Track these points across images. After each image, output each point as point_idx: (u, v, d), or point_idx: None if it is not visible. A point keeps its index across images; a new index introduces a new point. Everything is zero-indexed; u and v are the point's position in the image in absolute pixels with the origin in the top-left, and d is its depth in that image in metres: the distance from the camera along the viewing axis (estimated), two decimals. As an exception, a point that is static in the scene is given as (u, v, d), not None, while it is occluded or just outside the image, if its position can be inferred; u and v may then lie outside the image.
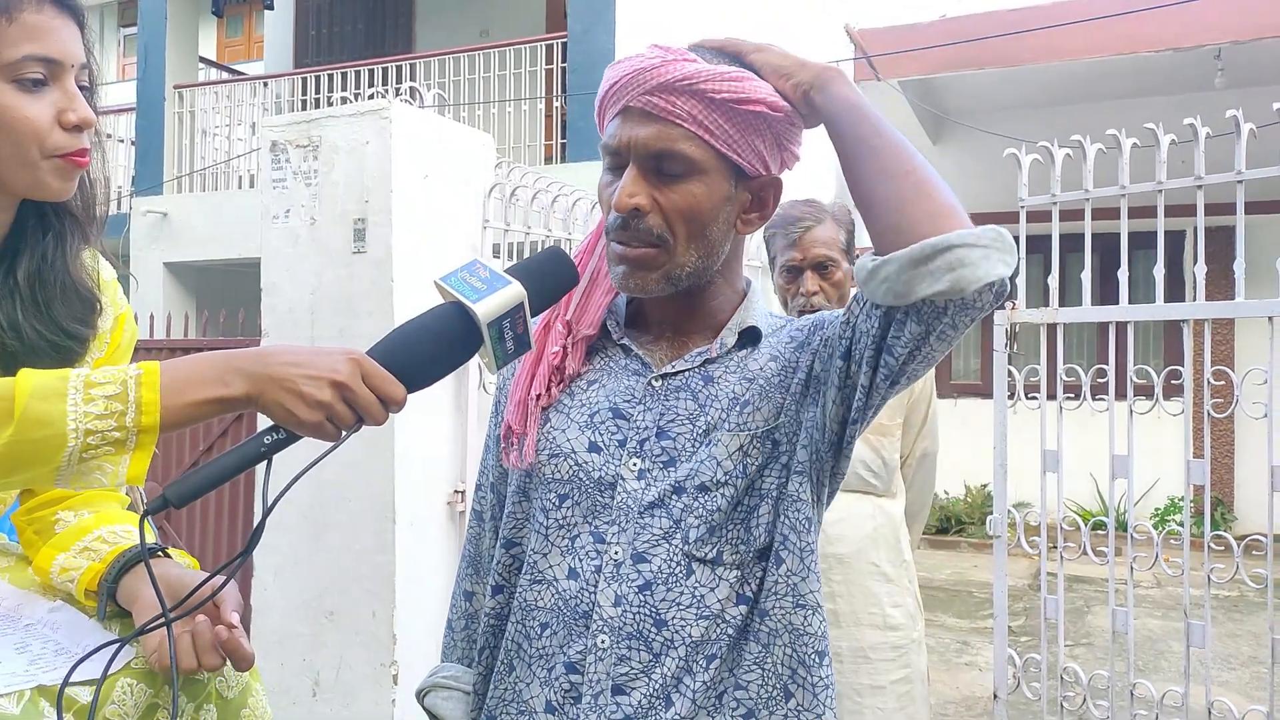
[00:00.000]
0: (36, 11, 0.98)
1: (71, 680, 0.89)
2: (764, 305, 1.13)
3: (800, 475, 1.03)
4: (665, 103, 0.99)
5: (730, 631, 1.01)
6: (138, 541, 1.05)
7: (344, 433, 0.90)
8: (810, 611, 1.02)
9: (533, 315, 0.97)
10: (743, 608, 1.02)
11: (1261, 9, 6.56)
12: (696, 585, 1.01)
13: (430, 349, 0.93)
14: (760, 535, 1.02)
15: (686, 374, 1.06)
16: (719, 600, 1.01)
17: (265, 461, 0.90)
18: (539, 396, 1.08)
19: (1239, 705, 2.82)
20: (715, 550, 1.01)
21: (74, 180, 1.03)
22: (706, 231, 1.03)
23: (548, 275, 1.01)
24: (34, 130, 0.98)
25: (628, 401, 1.05)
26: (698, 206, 1.01)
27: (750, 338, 1.08)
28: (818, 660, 1.02)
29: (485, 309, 0.92)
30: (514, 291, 0.94)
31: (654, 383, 1.06)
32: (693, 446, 1.02)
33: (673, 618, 1.00)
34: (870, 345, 0.95)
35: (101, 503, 1.16)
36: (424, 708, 1.16)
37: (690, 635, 1.00)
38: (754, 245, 3.68)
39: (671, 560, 1.01)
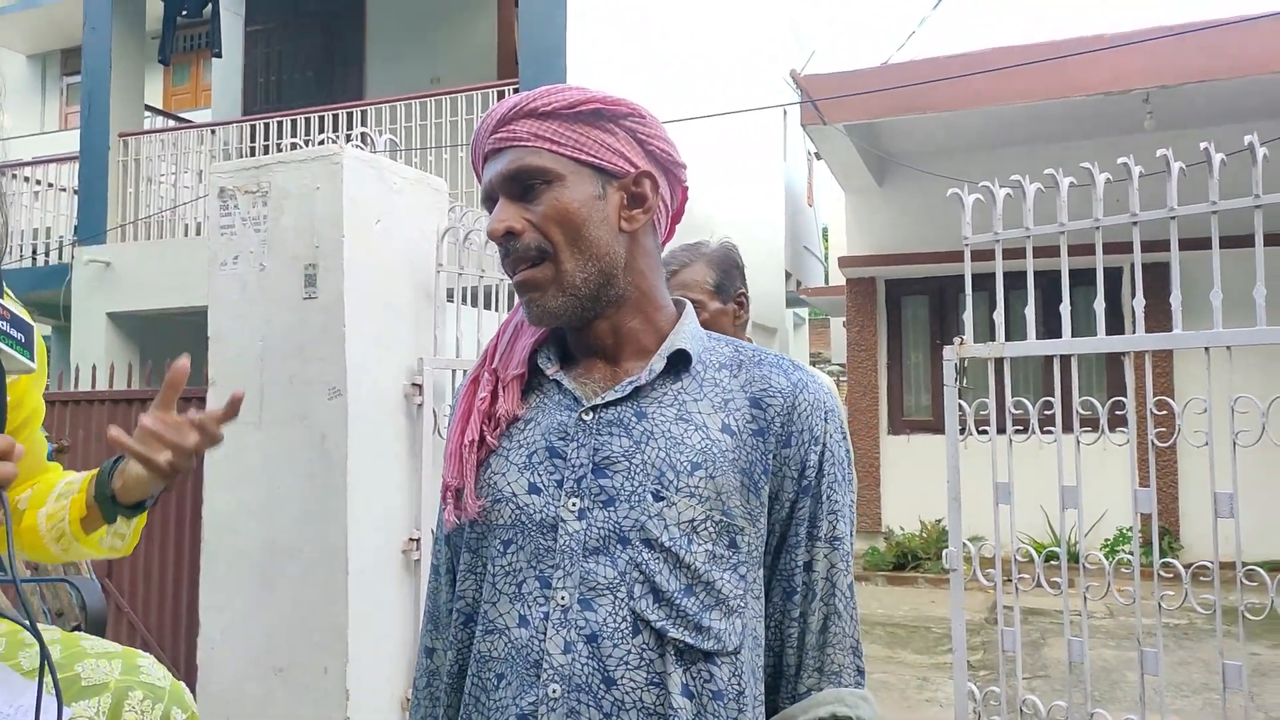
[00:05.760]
0: None
1: None
2: (697, 327, 1.10)
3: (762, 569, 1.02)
4: (506, 133, 1.04)
5: (691, 711, 0.95)
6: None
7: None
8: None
9: None
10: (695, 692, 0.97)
11: (1186, 55, 6.85)
12: (644, 648, 0.95)
13: None
14: (724, 609, 0.99)
15: (618, 407, 1.03)
16: (668, 670, 0.96)
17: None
18: (472, 443, 1.05)
19: (1194, 732, 2.85)
20: (663, 613, 0.97)
21: None
22: (583, 233, 1.02)
23: None
24: None
25: (561, 439, 1.02)
26: (564, 209, 1.02)
27: (682, 361, 1.05)
28: None
29: None
30: None
31: (585, 416, 1.03)
32: (631, 485, 0.99)
33: (622, 678, 0.94)
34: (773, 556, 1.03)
35: (42, 475, 1.29)
36: None
37: (642, 701, 0.94)
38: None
39: (617, 614, 0.96)
